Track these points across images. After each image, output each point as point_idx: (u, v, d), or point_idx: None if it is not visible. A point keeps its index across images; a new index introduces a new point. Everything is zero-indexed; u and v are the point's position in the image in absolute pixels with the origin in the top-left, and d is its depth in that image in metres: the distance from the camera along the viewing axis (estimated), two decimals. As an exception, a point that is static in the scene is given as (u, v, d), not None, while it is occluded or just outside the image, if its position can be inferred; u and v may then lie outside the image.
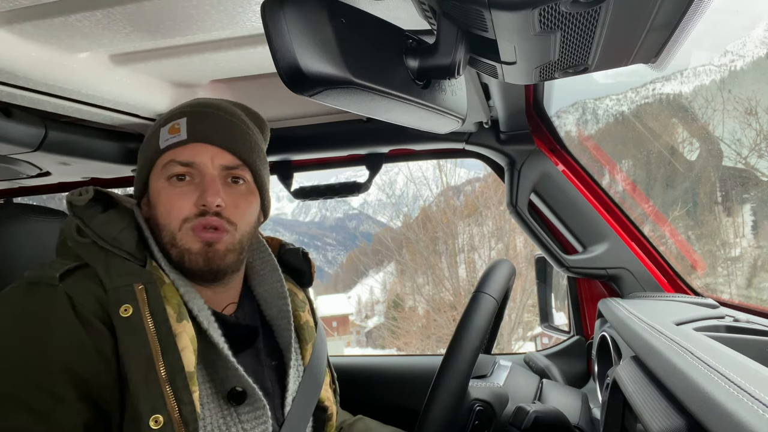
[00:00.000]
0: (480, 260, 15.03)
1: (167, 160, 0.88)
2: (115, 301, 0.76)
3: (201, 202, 0.86)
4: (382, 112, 0.63)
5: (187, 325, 0.80)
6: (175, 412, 0.73)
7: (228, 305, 0.95)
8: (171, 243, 0.86)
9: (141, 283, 0.79)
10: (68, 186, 1.77)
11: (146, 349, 0.75)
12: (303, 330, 1.02)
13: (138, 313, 0.76)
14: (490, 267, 1.07)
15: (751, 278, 8.67)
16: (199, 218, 0.86)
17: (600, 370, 1.26)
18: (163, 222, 0.87)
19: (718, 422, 0.49)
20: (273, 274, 1.02)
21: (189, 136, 0.88)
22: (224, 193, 0.87)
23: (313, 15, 0.51)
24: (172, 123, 0.89)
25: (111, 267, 0.80)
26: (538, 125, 1.42)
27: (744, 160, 8.53)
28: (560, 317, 1.74)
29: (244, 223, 0.91)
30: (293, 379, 0.95)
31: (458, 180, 17.51)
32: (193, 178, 0.87)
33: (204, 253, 0.86)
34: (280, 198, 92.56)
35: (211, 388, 0.82)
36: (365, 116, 1.06)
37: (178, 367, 0.76)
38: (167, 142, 0.88)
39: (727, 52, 9.99)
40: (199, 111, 0.91)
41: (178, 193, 0.87)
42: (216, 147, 0.89)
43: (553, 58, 0.60)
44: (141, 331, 0.75)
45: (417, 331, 15.17)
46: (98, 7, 0.77)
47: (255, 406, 0.85)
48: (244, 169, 0.92)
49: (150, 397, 0.72)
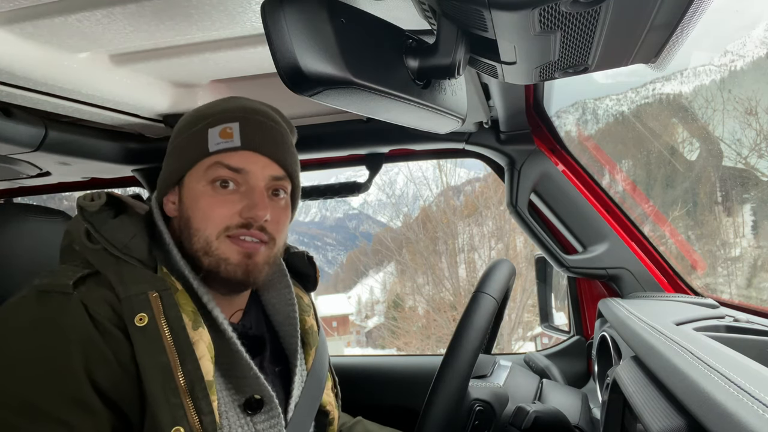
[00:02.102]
0: (480, 260, 15.03)
1: (213, 162, 0.85)
2: (129, 309, 0.75)
3: (248, 214, 0.84)
4: (382, 112, 0.63)
5: (203, 333, 0.79)
6: (196, 423, 0.72)
7: (236, 312, 0.94)
8: (205, 250, 0.84)
9: (155, 291, 0.77)
10: (68, 186, 1.77)
11: (164, 358, 0.73)
12: (308, 335, 1.02)
13: (153, 322, 0.75)
14: (490, 267, 1.07)
15: (751, 278, 8.67)
16: (241, 229, 0.84)
17: (600, 370, 1.26)
18: (197, 227, 0.84)
19: (718, 422, 0.49)
20: (282, 280, 1.01)
21: (243, 143, 0.85)
22: (269, 206, 0.86)
23: (313, 15, 0.51)
24: (224, 126, 0.86)
25: (123, 274, 0.78)
26: (538, 125, 1.42)
27: (744, 160, 8.53)
28: (560, 317, 1.74)
29: (281, 237, 0.91)
30: (297, 384, 0.95)
31: (458, 180, 17.50)
32: (239, 186, 0.85)
33: (244, 265, 0.84)
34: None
35: (228, 397, 0.81)
36: (365, 116, 1.06)
37: (197, 376, 0.74)
38: (218, 146, 0.85)
39: (727, 52, 9.99)
40: (252, 118, 0.88)
41: (222, 200, 0.84)
42: (267, 158, 0.87)
43: (553, 58, 0.60)
44: (157, 340, 0.74)
45: (417, 331, 15.17)
46: (98, 7, 0.77)
47: (270, 414, 0.84)
48: (287, 181, 0.91)
49: (170, 407, 0.71)
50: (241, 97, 0.94)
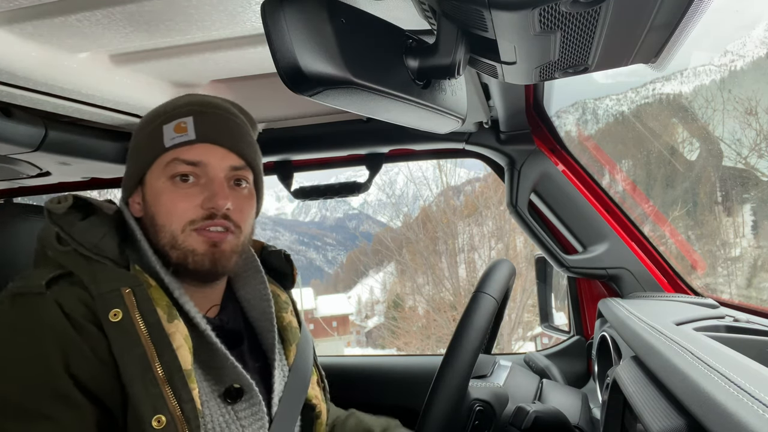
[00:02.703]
0: (480, 260, 15.03)
1: (171, 158, 0.86)
2: (103, 306, 0.76)
3: (209, 204, 0.85)
4: (382, 112, 0.63)
5: (179, 324, 0.80)
6: (177, 411, 0.73)
7: (211, 307, 0.95)
8: (171, 245, 0.85)
9: (128, 287, 0.79)
10: (68, 186, 1.77)
11: (141, 351, 0.75)
12: (286, 331, 1.02)
13: (128, 317, 0.76)
14: (490, 267, 1.07)
15: (751, 278, 8.67)
16: (206, 221, 0.85)
17: (600, 370, 1.26)
18: (162, 222, 0.86)
19: (718, 422, 0.49)
20: (256, 276, 1.01)
21: (198, 135, 0.86)
22: (231, 195, 0.87)
23: (313, 15, 0.51)
24: (178, 121, 0.87)
25: (96, 273, 0.79)
26: (538, 125, 1.42)
27: (744, 160, 8.53)
28: (560, 317, 1.74)
29: (247, 225, 0.92)
30: (278, 379, 0.95)
31: (458, 180, 17.50)
32: (199, 178, 0.87)
33: (210, 254, 0.86)
34: (280, 198, 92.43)
35: (207, 388, 0.82)
36: (365, 116, 1.06)
37: (175, 366, 0.76)
38: (174, 140, 0.86)
39: (727, 52, 9.99)
40: (206, 111, 0.90)
41: (183, 194, 0.85)
42: (223, 148, 0.88)
43: (553, 58, 0.60)
44: (133, 333, 0.75)
45: (417, 331, 15.18)
46: (98, 7, 0.77)
47: (251, 403, 0.86)
48: (248, 170, 0.92)
49: (150, 397, 0.73)
50: (197, 94, 0.95)
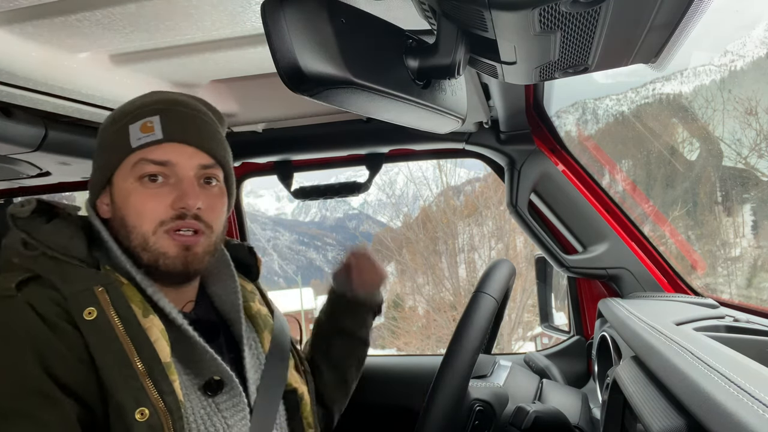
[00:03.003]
0: (480, 260, 15.01)
1: (138, 158, 0.85)
2: (76, 305, 0.76)
3: (180, 204, 0.84)
4: (382, 112, 0.63)
5: (154, 319, 0.81)
6: (160, 403, 0.74)
7: (187, 303, 0.95)
8: (142, 246, 0.84)
9: (100, 285, 0.78)
10: (68, 186, 1.77)
11: (118, 347, 0.75)
12: (256, 319, 1.03)
13: (103, 315, 0.76)
14: (490, 267, 1.07)
15: (751, 278, 8.67)
16: (177, 221, 0.85)
17: (600, 370, 1.26)
18: (133, 224, 0.85)
19: (718, 422, 0.49)
20: (226, 271, 1.02)
21: (165, 135, 0.85)
22: (201, 194, 0.87)
23: (313, 15, 0.51)
24: (144, 121, 0.86)
25: (66, 274, 0.79)
26: (538, 125, 1.42)
27: (744, 160, 8.52)
28: (560, 317, 1.74)
29: (219, 224, 0.91)
30: (251, 368, 0.96)
31: (458, 180, 17.47)
32: (167, 178, 0.86)
33: (182, 257, 0.85)
34: (280, 198, 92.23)
35: (188, 381, 0.83)
36: (365, 116, 1.07)
37: (154, 359, 0.77)
38: (140, 141, 0.85)
39: (727, 52, 9.98)
40: (172, 109, 0.88)
41: (152, 195, 0.85)
42: (192, 147, 0.87)
43: (553, 58, 0.60)
44: (109, 330, 0.75)
45: (417, 331, 15.16)
46: (98, 7, 0.77)
47: (232, 394, 0.86)
48: (218, 168, 0.92)
49: (131, 391, 0.73)
50: (163, 91, 0.94)
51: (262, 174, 1.77)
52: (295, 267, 56.80)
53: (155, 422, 0.73)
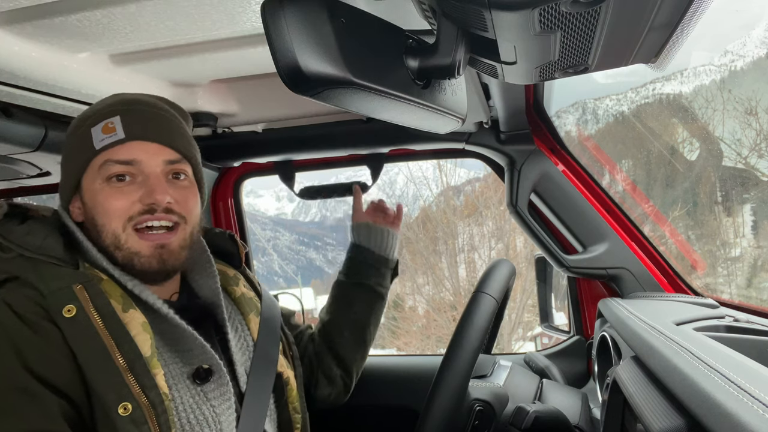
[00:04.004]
0: (480, 260, 15.00)
1: (103, 160, 0.86)
2: (55, 303, 0.76)
3: (148, 200, 0.85)
4: (382, 112, 0.63)
5: (135, 313, 0.81)
6: (142, 397, 0.75)
7: (172, 295, 0.96)
8: (115, 245, 0.85)
9: (79, 284, 0.79)
10: (68, 186, 1.77)
11: (99, 343, 0.76)
12: (241, 303, 1.04)
13: (82, 312, 0.77)
14: (490, 267, 1.07)
15: (751, 278, 8.66)
16: (145, 215, 0.85)
17: (600, 370, 1.26)
18: (102, 222, 0.85)
19: (718, 422, 0.49)
20: (202, 256, 1.02)
21: (127, 134, 0.86)
22: (170, 189, 0.87)
23: (313, 15, 0.51)
24: (105, 122, 0.87)
25: (43, 274, 0.80)
26: (538, 125, 1.42)
27: (744, 160, 8.52)
28: (560, 317, 1.73)
29: (192, 216, 0.92)
30: (238, 350, 0.96)
31: (458, 180, 17.46)
32: (134, 177, 0.86)
33: (158, 255, 0.86)
34: (280, 198, 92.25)
35: (177, 370, 0.83)
36: (365, 116, 1.07)
37: (135, 354, 0.77)
38: (103, 142, 0.86)
39: (727, 52, 9.98)
40: (132, 108, 0.89)
41: (119, 192, 0.85)
42: (155, 144, 0.88)
43: (553, 58, 0.60)
44: (89, 327, 0.76)
45: (417, 331, 15.16)
46: (98, 7, 0.77)
47: (220, 383, 0.87)
48: (185, 163, 0.92)
49: (113, 386, 0.74)
50: (124, 93, 0.95)
51: (262, 174, 1.77)
52: (295, 267, 56.77)
53: (138, 416, 0.73)
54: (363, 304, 1.22)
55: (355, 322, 1.21)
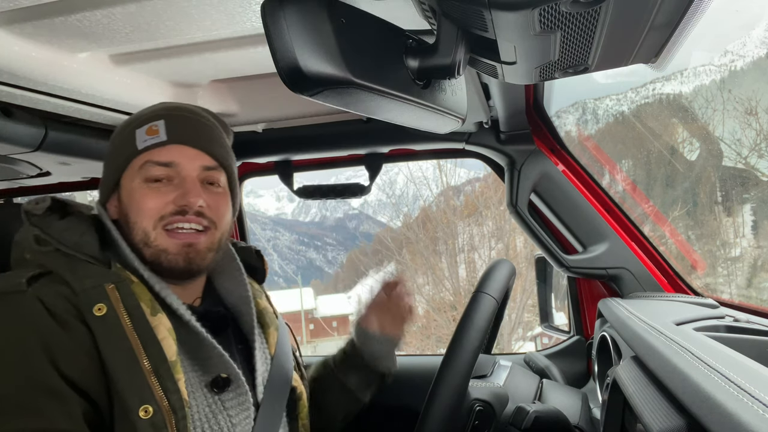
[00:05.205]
0: (480, 260, 15.01)
1: (144, 160, 0.88)
2: (86, 301, 0.77)
3: (181, 202, 0.87)
4: (382, 112, 0.63)
5: (162, 318, 0.82)
6: (164, 401, 0.75)
7: (195, 299, 0.97)
8: (144, 242, 0.87)
9: (111, 283, 0.80)
10: (68, 186, 1.77)
11: (126, 344, 0.76)
12: (263, 316, 1.05)
13: (113, 311, 0.77)
14: (490, 267, 1.07)
15: (751, 278, 8.67)
16: (176, 216, 0.87)
17: (600, 370, 1.26)
18: (134, 220, 0.87)
19: (718, 422, 0.49)
20: (232, 264, 1.04)
21: (169, 137, 0.89)
22: (204, 194, 0.89)
23: (313, 15, 0.51)
24: (149, 125, 0.90)
25: (77, 271, 0.81)
26: (538, 125, 1.42)
27: (744, 160, 8.52)
28: (560, 317, 1.73)
29: (223, 223, 0.93)
30: (260, 360, 0.97)
31: (458, 180, 17.47)
32: (171, 179, 0.89)
33: (184, 254, 0.87)
34: (280, 198, 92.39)
35: (195, 378, 0.83)
36: (365, 116, 1.07)
37: (160, 357, 0.77)
38: (145, 143, 0.89)
39: (727, 52, 9.98)
40: (176, 114, 0.92)
41: (154, 192, 0.87)
42: (195, 149, 0.90)
43: (553, 58, 0.60)
44: (118, 327, 0.77)
45: (417, 331, 15.16)
46: (98, 7, 0.77)
47: (238, 392, 0.87)
48: (221, 171, 0.94)
49: (136, 389, 0.74)
50: (170, 102, 0.98)
51: (262, 174, 1.77)
52: (295, 267, 56.71)
53: (158, 420, 0.73)
54: (337, 402, 1.17)
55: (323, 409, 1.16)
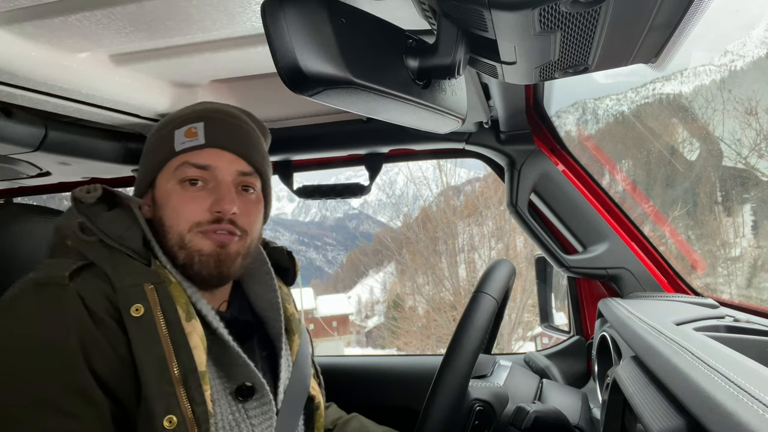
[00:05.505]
0: (480, 260, 15.02)
1: (181, 162, 0.88)
2: (125, 300, 0.76)
3: (216, 208, 0.86)
4: (382, 112, 0.63)
5: (196, 324, 0.81)
6: (189, 412, 0.74)
7: (221, 304, 0.96)
8: (179, 245, 0.86)
9: (150, 283, 0.79)
10: (68, 186, 1.77)
11: (159, 349, 0.75)
12: (291, 322, 1.04)
13: (150, 314, 0.76)
14: (490, 267, 1.07)
15: (751, 278, 8.67)
16: (213, 225, 0.86)
17: (600, 370, 1.26)
18: (170, 224, 0.86)
19: (718, 422, 0.49)
20: (263, 267, 1.03)
21: (207, 140, 0.88)
22: (237, 200, 0.88)
23: (313, 15, 0.51)
24: (189, 126, 0.89)
25: (118, 266, 0.80)
26: (538, 125, 1.42)
27: (744, 160, 8.52)
28: (560, 317, 1.74)
29: (254, 230, 0.93)
30: (284, 368, 0.96)
31: (458, 180, 17.49)
32: (207, 183, 0.88)
33: (216, 255, 0.86)
34: (280, 198, 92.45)
35: (219, 385, 0.83)
36: (365, 116, 1.07)
37: (191, 367, 0.76)
38: (184, 144, 0.88)
39: (727, 52, 9.98)
40: (216, 117, 0.91)
41: (191, 197, 0.87)
42: (232, 154, 0.90)
43: (553, 58, 0.60)
44: (153, 331, 0.76)
45: (417, 331, 15.18)
46: (98, 7, 0.77)
47: (262, 401, 0.86)
48: (256, 177, 0.94)
49: (163, 397, 0.73)
50: (211, 102, 0.97)
51: (262, 174, 1.77)
52: (295, 267, 56.40)
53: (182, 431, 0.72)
54: None
55: None
